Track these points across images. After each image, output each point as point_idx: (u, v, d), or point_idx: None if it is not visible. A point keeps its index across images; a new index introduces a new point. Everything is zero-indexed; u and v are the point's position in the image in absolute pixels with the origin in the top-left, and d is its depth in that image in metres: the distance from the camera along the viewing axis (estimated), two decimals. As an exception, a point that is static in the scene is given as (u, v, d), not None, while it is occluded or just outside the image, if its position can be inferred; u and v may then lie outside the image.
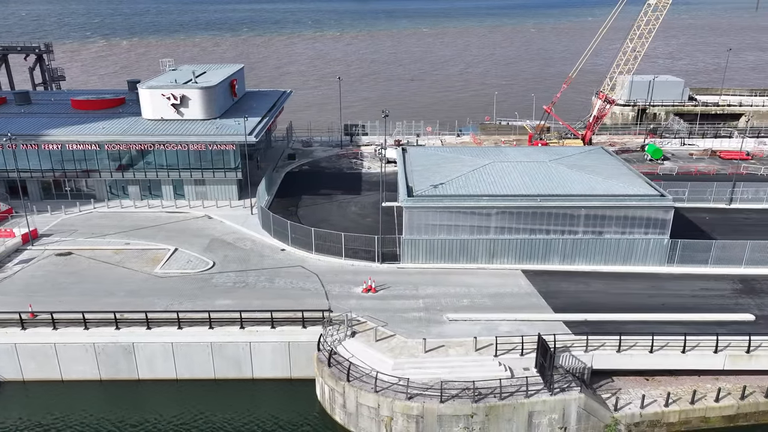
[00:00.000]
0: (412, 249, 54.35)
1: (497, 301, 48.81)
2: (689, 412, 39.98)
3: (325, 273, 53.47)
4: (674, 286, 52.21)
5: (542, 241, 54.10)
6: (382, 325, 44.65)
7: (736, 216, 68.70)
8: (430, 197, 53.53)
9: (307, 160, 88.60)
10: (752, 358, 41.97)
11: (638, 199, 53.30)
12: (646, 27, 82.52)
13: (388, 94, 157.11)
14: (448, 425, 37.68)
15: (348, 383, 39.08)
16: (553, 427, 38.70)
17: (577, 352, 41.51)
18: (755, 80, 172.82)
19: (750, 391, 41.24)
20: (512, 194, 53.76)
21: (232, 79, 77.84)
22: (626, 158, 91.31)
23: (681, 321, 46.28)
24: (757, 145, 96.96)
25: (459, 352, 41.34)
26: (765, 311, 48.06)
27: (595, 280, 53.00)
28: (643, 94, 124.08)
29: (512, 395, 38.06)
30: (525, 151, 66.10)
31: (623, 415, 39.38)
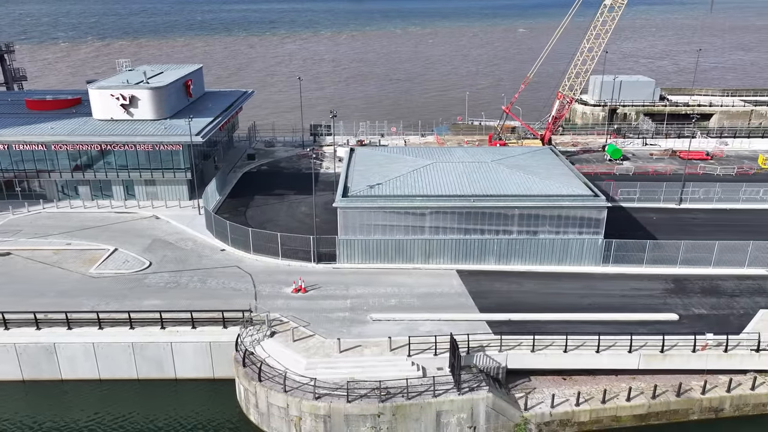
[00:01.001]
0: (347, 249, 54.51)
1: (425, 302, 48.99)
2: (600, 412, 40.20)
3: (260, 273, 53.63)
4: (606, 286, 52.45)
5: (477, 242, 54.28)
6: (304, 325, 44.87)
7: (684, 216, 68.96)
8: (364, 197, 53.69)
9: (267, 160, 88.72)
10: (666, 358, 42.19)
11: (571, 199, 53.53)
12: (602, 27, 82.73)
13: (365, 94, 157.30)
14: (356, 425, 37.85)
15: (259, 383, 39.23)
16: (462, 427, 38.87)
17: (492, 351, 41.70)
18: (733, 80, 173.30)
19: (662, 390, 41.49)
20: (446, 194, 53.98)
21: (187, 79, 77.91)
22: (586, 158, 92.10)
23: (605, 321, 46.51)
24: (719, 145, 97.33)
25: (374, 352, 41.51)
26: (690, 311, 48.34)
27: (529, 280, 53.21)
28: (614, 94, 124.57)
29: (420, 395, 38.26)
30: (471, 152, 66.27)
31: (533, 414, 39.59)
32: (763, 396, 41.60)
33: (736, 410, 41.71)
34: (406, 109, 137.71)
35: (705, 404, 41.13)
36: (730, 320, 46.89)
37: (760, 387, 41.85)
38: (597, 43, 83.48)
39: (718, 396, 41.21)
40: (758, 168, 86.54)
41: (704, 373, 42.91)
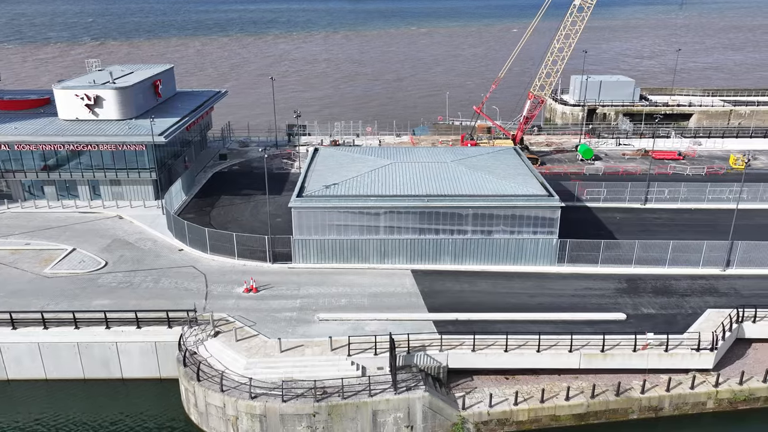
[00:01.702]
0: (303, 249, 54.62)
1: (375, 301, 49.08)
2: (539, 411, 40.34)
3: (214, 273, 53.72)
4: (559, 285, 52.60)
5: (432, 241, 54.41)
6: (250, 325, 44.99)
7: (648, 216, 69.13)
8: (319, 198, 53.79)
9: (239, 160, 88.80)
10: (607, 357, 42.34)
11: (525, 199, 53.66)
12: (572, 28, 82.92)
13: (352, 94, 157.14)
14: (291, 424, 37.96)
15: (198, 383, 39.32)
16: (399, 426, 39.00)
17: (433, 351, 41.84)
18: (719, 80, 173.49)
19: (602, 390, 41.64)
20: (400, 194, 54.08)
21: (155, 79, 77.94)
22: (559, 158, 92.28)
23: (552, 320, 46.73)
24: (692, 146, 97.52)
25: (315, 352, 41.64)
26: (639, 310, 48.48)
27: (483, 279, 53.32)
28: (593, 95, 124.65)
29: (356, 394, 38.38)
30: (433, 152, 66.40)
31: (471, 413, 39.73)
32: (702, 395, 41.76)
33: (676, 409, 41.87)
34: (390, 109, 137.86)
35: (644, 403, 41.29)
36: (677, 320, 47.06)
37: (700, 386, 42.04)
38: (567, 44, 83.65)
39: (657, 395, 41.36)
40: (729, 168, 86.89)
41: (647, 373, 43.13)
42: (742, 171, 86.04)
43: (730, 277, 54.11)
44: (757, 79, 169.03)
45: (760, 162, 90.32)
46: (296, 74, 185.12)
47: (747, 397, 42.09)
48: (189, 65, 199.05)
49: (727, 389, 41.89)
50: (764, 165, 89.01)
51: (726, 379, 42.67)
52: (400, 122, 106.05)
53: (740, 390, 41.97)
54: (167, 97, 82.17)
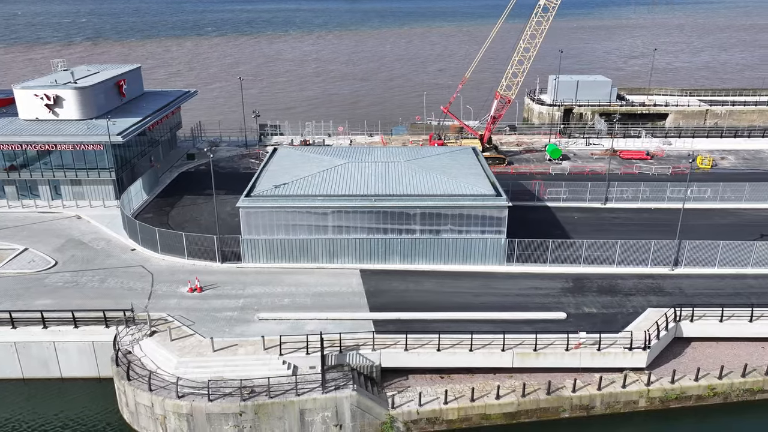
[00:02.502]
0: (251, 249, 54.72)
1: (318, 301, 49.21)
2: (469, 410, 40.47)
3: (163, 273, 53.81)
4: (505, 285, 52.74)
5: (381, 241, 54.51)
6: (189, 324, 45.11)
7: (606, 215, 69.34)
8: (267, 197, 53.91)
9: (207, 159, 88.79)
10: (540, 356, 42.49)
11: (472, 199, 53.78)
12: (537, 28, 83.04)
13: (335, 93, 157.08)
14: (218, 423, 38.09)
15: (128, 382, 39.45)
16: (328, 425, 39.13)
17: (366, 350, 41.98)
18: (702, 80, 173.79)
19: (534, 389, 41.80)
20: (348, 194, 54.19)
21: (119, 79, 77.97)
22: (527, 158, 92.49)
23: (493, 320, 46.80)
24: (661, 145, 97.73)
25: (248, 351, 41.76)
26: (581, 310, 48.60)
27: (430, 279, 53.43)
28: (570, 94, 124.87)
29: (284, 393, 38.51)
30: (389, 152, 66.42)
31: (400, 412, 39.86)
32: (634, 394, 41.91)
33: (608, 408, 42.01)
34: (374, 108, 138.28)
35: (576, 402, 41.43)
36: (617, 319, 47.19)
37: (632, 385, 42.20)
38: (533, 44, 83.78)
39: (588, 394, 41.50)
40: (696, 168, 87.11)
41: (582, 372, 43.28)
42: (708, 170, 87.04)
43: (677, 276, 54.30)
44: (742, 80, 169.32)
45: (727, 162, 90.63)
46: (287, 74, 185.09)
47: (678, 396, 42.26)
48: (180, 65, 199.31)
49: (658, 388, 42.04)
50: (731, 165, 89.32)
51: (659, 378, 42.85)
52: (383, 122, 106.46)
53: (672, 389, 42.13)
54: (133, 97, 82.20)
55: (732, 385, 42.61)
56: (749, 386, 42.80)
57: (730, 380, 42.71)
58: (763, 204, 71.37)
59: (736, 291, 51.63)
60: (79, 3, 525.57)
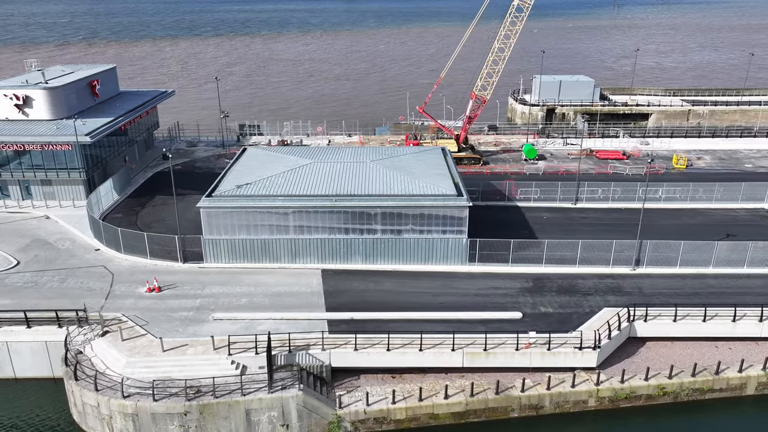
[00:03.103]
0: (213, 249, 54.75)
1: (276, 301, 49.26)
2: (417, 409, 40.55)
3: (124, 273, 53.83)
4: (465, 285, 52.79)
5: (342, 241, 54.58)
6: (143, 324, 45.15)
7: (576, 215, 69.39)
8: (228, 197, 53.97)
9: (183, 159, 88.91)
10: (489, 356, 42.57)
11: (433, 199, 53.85)
12: (512, 28, 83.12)
13: (324, 94, 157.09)
14: (163, 423, 38.15)
15: (76, 382, 39.52)
16: (274, 425, 39.19)
17: (316, 350, 42.06)
18: (689, 80, 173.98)
19: (483, 389, 41.88)
20: (308, 194, 54.25)
21: (92, 79, 77.97)
22: (504, 158, 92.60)
23: (449, 320, 46.85)
24: (639, 145, 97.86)
25: (198, 351, 41.82)
26: (537, 309, 48.67)
27: (391, 279, 53.46)
28: (553, 94, 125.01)
29: (229, 393, 38.58)
30: (358, 152, 66.42)
31: (347, 412, 39.93)
32: (583, 393, 42.00)
33: (557, 407, 42.10)
34: (359, 109, 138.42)
35: (524, 402, 41.52)
36: (572, 319, 47.24)
37: (582, 384, 42.30)
38: (507, 44, 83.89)
39: (537, 393, 41.59)
40: (671, 168, 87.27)
41: (534, 371, 43.35)
42: (683, 170, 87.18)
43: (638, 276, 54.41)
44: (730, 80, 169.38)
45: (703, 162, 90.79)
46: (279, 75, 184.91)
47: (628, 396, 42.37)
48: (173, 66, 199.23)
49: (608, 387, 42.13)
50: (707, 165, 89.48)
51: (609, 377, 42.96)
52: (368, 122, 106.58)
53: (621, 388, 42.23)
54: (107, 97, 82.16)
55: (682, 385, 42.71)
56: (699, 386, 42.91)
57: (680, 380, 42.81)
58: (732, 204, 71.60)
59: (695, 291, 51.74)
60: (77, 3, 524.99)
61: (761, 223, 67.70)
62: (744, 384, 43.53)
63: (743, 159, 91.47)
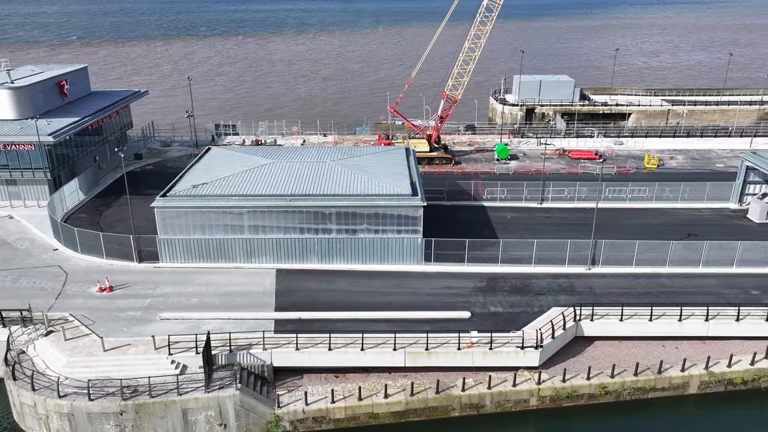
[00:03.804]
0: (168, 249, 54.79)
1: (226, 300, 49.29)
2: (356, 409, 40.60)
3: (78, 273, 53.83)
4: (419, 284, 52.83)
5: (298, 241, 54.63)
6: (89, 324, 45.15)
7: (540, 215, 69.45)
8: (182, 197, 54.03)
9: (155, 159, 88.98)
10: (431, 355, 42.62)
11: (387, 198, 53.87)
12: (482, 28, 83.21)
13: (308, 93, 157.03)
14: (99, 423, 38.18)
15: (14, 382, 39.56)
16: (212, 424, 39.25)
17: (257, 350, 42.10)
18: (675, 80, 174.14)
19: (425, 387, 41.94)
20: (263, 194, 54.30)
21: (61, 79, 77.94)
22: (476, 158, 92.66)
23: (395, 319, 46.83)
24: (612, 145, 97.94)
25: (139, 351, 41.87)
26: (487, 309, 48.70)
27: (344, 278, 53.47)
28: (533, 94, 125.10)
29: (166, 393, 38.62)
30: (320, 152, 66.44)
31: (286, 411, 39.99)
32: (524, 392, 42.07)
33: (498, 407, 42.17)
34: (345, 108, 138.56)
35: (465, 401, 41.59)
36: (520, 318, 47.25)
37: (523, 384, 42.37)
38: (477, 44, 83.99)
39: (478, 393, 41.67)
40: (642, 167, 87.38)
41: (477, 371, 43.39)
42: (654, 170, 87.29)
43: (592, 275, 54.47)
44: (714, 80, 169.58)
45: (675, 162, 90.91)
46: (270, 75, 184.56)
47: (570, 395, 42.44)
48: (165, 66, 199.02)
49: (549, 387, 42.21)
50: (678, 165, 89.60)
51: (552, 376, 43.05)
52: (351, 122, 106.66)
53: (563, 387, 42.31)
54: (77, 97, 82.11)
55: (624, 384, 42.79)
56: (641, 385, 43.00)
57: (622, 379, 42.89)
58: (698, 204, 71.73)
59: (646, 290, 51.81)
60: (73, 3, 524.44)
61: (724, 222, 67.89)
62: (686, 383, 43.63)
63: (715, 159, 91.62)
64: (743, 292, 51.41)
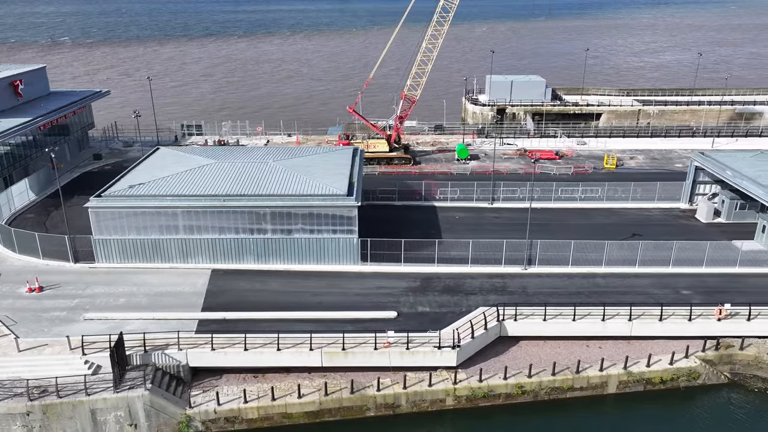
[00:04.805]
0: (104, 249, 54.75)
1: (154, 301, 49.23)
2: (269, 409, 40.60)
3: (11, 273, 53.70)
4: (352, 284, 52.82)
5: (234, 241, 54.61)
6: (11, 324, 45.05)
7: (489, 215, 69.50)
8: (117, 197, 53.98)
9: (115, 160, 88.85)
10: (348, 355, 42.61)
11: (322, 199, 53.87)
12: (439, 28, 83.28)
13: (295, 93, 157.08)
14: (6, 424, 38.14)
15: None
16: (122, 424, 39.23)
17: (173, 350, 42.08)
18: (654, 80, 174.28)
19: (340, 387, 41.93)
20: (196, 194, 54.21)
21: (14, 80, 78.02)
22: (437, 158, 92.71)
23: (321, 319, 46.88)
24: (575, 145, 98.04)
25: (55, 351, 41.83)
26: (415, 309, 48.68)
27: (278, 279, 53.42)
28: (505, 94, 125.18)
29: (74, 393, 38.60)
30: (265, 152, 66.20)
31: (197, 411, 39.96)
32: (440, 392, 42.07)
33: (414, 406, 42.15)
34: (317, 108, 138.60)
35: (380, 401, 41.58)
36: (445, 318, 47.17)
37: (439, 384, 42.39)
38: (435, 44, 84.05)
39: (393, 393, 41.67)
40: (601, 168, 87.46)
41: (398, 370, 43.36)
42: (612, 170, 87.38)
43: (528, 275, 54.50)
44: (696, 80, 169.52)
45: (635, 162, 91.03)
46: (263, 76, 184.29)
47: (486, 394, 42.44)
48: (156, 67, 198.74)
49: (466, 386, 42.19)
50: (637, 165, 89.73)
51: (470, 376, 43.05)
52: (315, 122, 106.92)
53: (479, 387, 42.31)
54: (33, 97, 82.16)
55: (541, 384, 42.80)
56: (559, 384, 43.02)
57: (540, 378, 42.90)
58: (649, 204, 71.81)
59: (578, 290, 51.86)
60: (69, 3, 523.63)
61: (672, 222, 68.00)
62: (605, 383, 43.67)
63: (675, 159, 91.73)
64: (674, 292, 51.54)
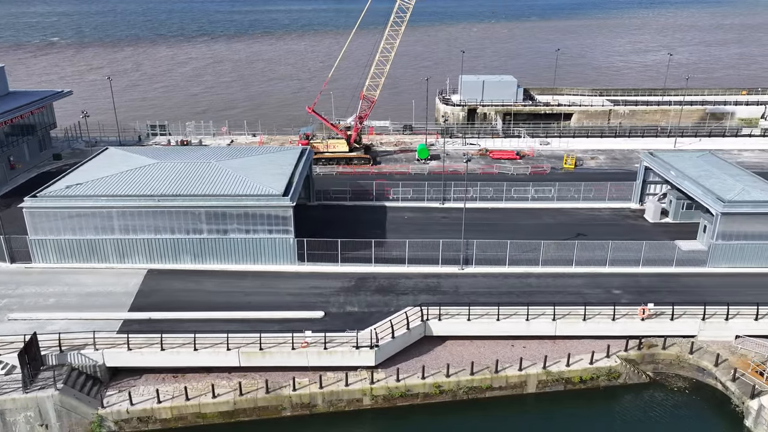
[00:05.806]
0: (40, 249, 54.78)
1: (84, 301, 49.24)
2: (182, 409, 40.66)
3: (-55, 273, 53.96)
4: (286, 284, 52.83)
5: (170, 241, 54.64)
6: (-67, 326, 45.29)
7: (437, 215, 69.52)
8: (52, 198, 54.03)
9: (75, 160, 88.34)
10: (266, 355, 42.70)
11: (256, 199, 53.93)
12: (396, 29, 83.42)
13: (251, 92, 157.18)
14: None
15: None
16: (33, 425, 39.28)
17: (89, 350, 42.13)
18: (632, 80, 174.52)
19: (256, 387, 42.01)
20: (133, 194, 54.26)
21: (-31, 79, 78.25)
22: (398, 158, 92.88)
23: (248, 319, 46.89)
24: (537, 145, 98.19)
25: (-29, 351, 41.97)
26: (343, 309, 48.74)
27: (213, 279, 53.41)
28: (477, 94, 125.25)
29: (-17, 394, 38.75)
30: (209, 153, 66.38)
31: (110, 411, 40.01)
32: (357, 392, 42.15)
33: (331, 406, 42.24)
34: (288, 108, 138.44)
35: (296, 400, 41.66)
36: (372, 318, 47.15)
37: (356, 383, 42.47)
38: (393, 44, 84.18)
39: (309, 392, 41.76)
40: (560, 168, 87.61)
41: (317, 370, 43.37)
42: (571, 170, 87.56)
43: (463, 275, 54.59)
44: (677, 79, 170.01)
45: (595, 162, 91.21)
46: (255, 76, 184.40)
47: (404, 394, 42.53)
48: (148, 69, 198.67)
49: (383, 386, 42.27)
50: (597, 165, 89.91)
51: (388, 376, 43.13)
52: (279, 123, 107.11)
53: (396, 387, 42.40)
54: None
55: (459, 383, 42.90)
56: (477, 384, 43.12)
57: (458, 378, 43.01)
58: (599, 203, 71.93)
59: (510, 290, 51.96)
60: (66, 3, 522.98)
61: (621, 222, 68.12)
62: (524, 382, 43.79)
63: (635, 159, 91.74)
64: (605, 292, 51.67)
